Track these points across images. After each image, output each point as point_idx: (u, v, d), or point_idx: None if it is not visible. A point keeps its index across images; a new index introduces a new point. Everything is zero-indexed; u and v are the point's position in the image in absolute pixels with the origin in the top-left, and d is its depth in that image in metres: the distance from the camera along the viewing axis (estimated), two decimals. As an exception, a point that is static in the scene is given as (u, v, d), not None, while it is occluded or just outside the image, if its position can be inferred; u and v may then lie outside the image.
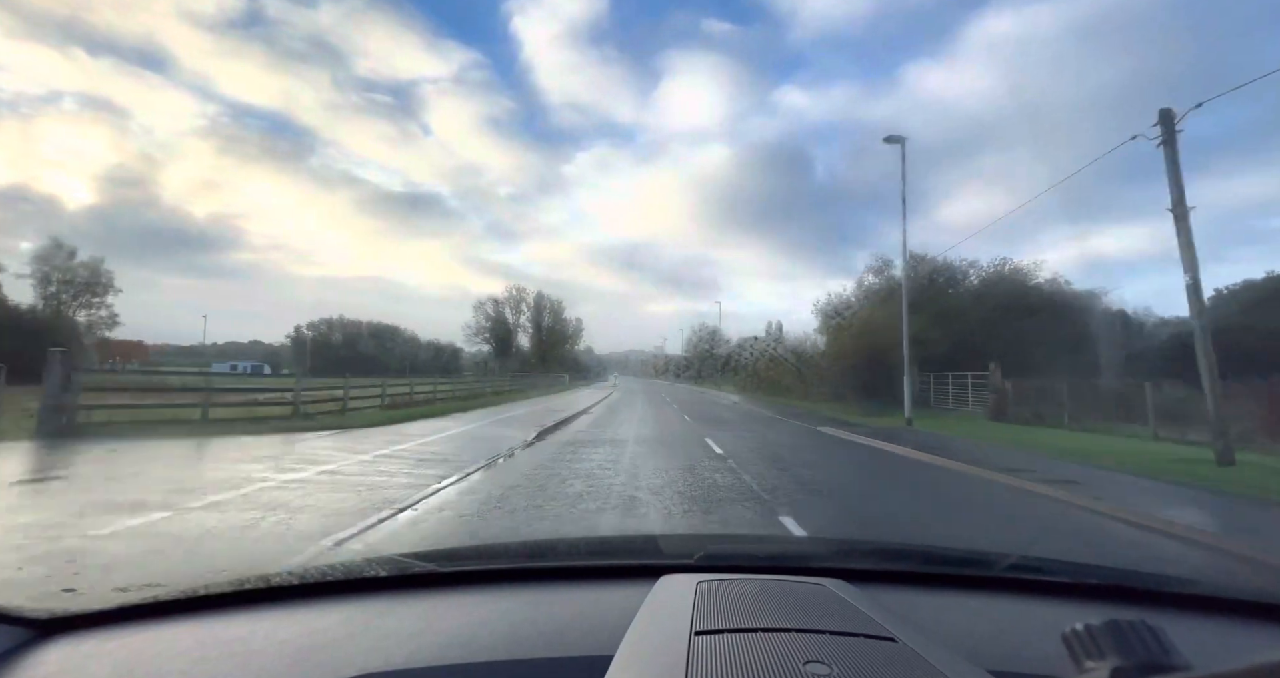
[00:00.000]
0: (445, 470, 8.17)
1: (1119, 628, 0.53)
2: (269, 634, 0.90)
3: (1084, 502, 6.84)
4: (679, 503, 6.42)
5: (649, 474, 8.19)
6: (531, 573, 1.19)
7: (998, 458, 10.12)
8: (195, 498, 6.03)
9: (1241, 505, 6.79)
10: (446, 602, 1.05)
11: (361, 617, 0.97)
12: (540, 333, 74.95)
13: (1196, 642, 0.82)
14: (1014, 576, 1.22)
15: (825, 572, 1.07)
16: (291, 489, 6.62)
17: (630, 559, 1.31)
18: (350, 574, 1.16)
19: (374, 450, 10.12)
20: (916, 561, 1.40)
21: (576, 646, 0.85)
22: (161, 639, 0.91)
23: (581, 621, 0.94)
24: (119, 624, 0.95)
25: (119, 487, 6.77)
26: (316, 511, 5.67)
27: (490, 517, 5.67)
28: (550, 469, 8.46)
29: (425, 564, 1.18)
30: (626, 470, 8.47)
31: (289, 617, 0.98)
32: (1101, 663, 0.51)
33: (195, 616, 0.99)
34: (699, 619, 0.77)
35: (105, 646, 0.88)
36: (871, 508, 6.93)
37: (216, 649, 0.87)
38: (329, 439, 11.55)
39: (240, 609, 1.01)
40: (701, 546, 1.32)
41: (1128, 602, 1.13)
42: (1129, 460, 9.90)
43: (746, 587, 0.92)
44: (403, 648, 0.84)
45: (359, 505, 5.92)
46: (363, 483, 7.15)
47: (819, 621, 0.78)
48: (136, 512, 5.37)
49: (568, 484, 7.31)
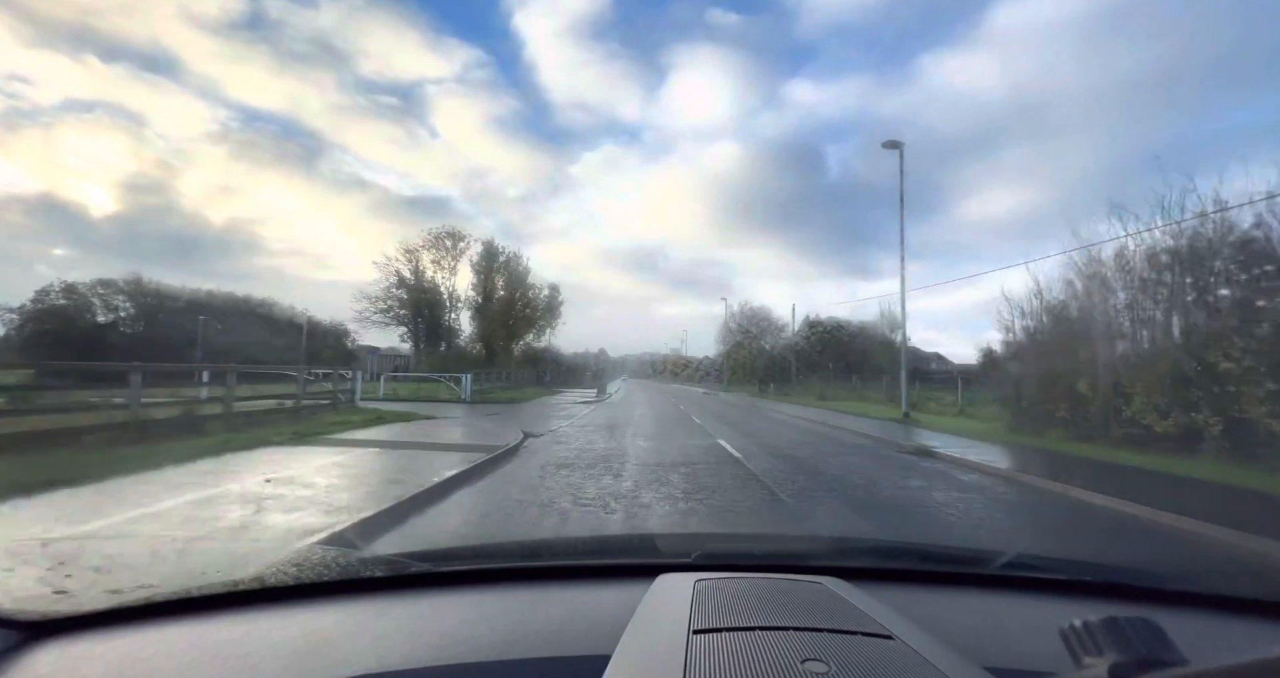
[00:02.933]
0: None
1: (1117, 625, 0.54)
2: (264, 636, 0.90)
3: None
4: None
5: None
6: (528, 573, 1.19)
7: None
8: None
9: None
10: (443, 602, 1.06)
11: (357, 617, 0.98)
12: (489, 306, 47.72)
13: (1194, 639, 0.74)
14: (1011, 573, 1.22)
15: (823, 570, 1.09)
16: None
17: (627, 558, 1.32)
18: (346, 575, 1.16)
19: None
20: (914, 558, 1.41)
21: (574, 645, 0.85)
22: (155, 641, 0.90)
23: (579, 620, 0.95)
24: (112, 626, 0.93)
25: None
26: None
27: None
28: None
29: (421, 564, 1.17)
30: None
31: (284, 618, 0.97)
32: (1100, 659, 0.52)
33: (189, 617, 0.97)
34: (697, 618, 0.78)
35: (98, 648, 0.87)
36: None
37: (210, 651, 0.86)
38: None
39: (235, 610, 0.99)
40: (699, 544, 1.35)
41: (1125, 599, 1.13)
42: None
43: (744, 585, 0.93)
44: (399, 649, 0.84)
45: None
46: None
47: (817, 619, 0.78)
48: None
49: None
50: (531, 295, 50.67)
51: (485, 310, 47.13)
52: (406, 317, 46.20)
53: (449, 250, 48.00)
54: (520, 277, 49.48)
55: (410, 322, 46.42)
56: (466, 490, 6.61)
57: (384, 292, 44.71)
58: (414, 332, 46.72)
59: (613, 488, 6.74)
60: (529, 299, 50.40)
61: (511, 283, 48.84)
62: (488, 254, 48.24)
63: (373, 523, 4.91)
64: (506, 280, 48.50)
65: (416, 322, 46.65)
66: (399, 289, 45.73)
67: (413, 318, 46.33)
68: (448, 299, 48.35)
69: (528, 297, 50.32)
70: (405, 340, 46.96)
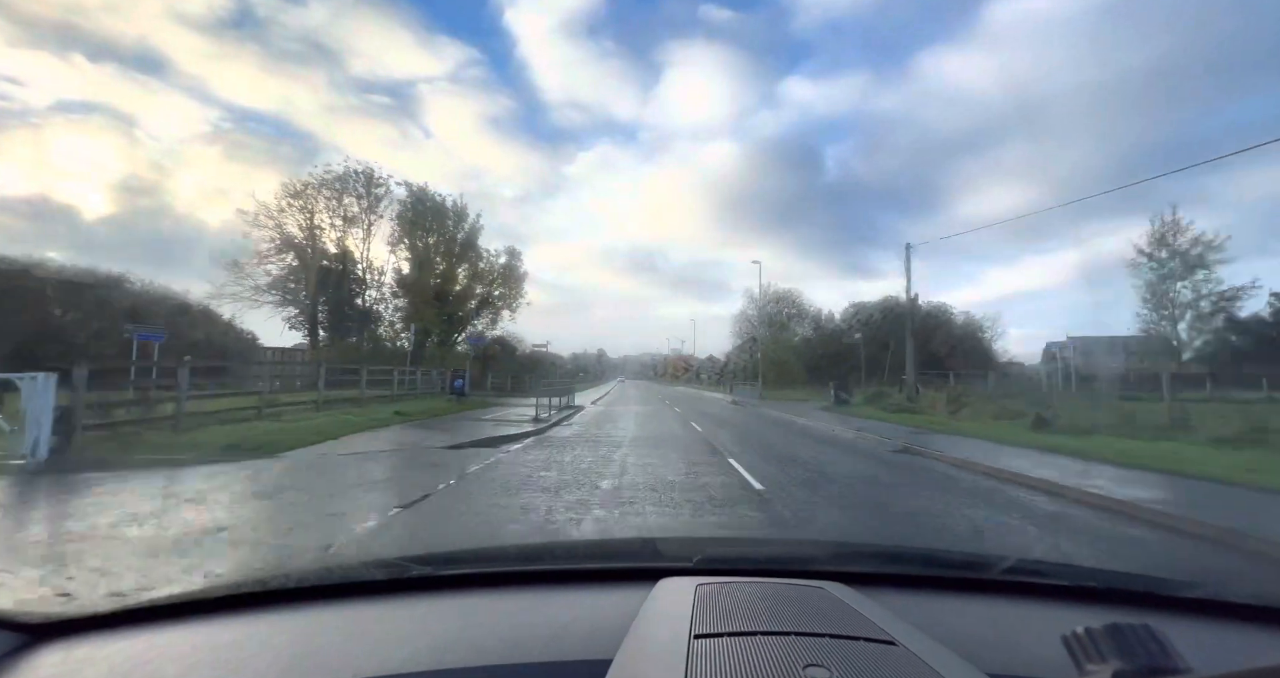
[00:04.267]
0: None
1: (1120, 631, 0.54)
2: (265, 639, 0.90)
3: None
4: None
5: None
6: (529, 576, 1.17)
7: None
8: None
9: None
10: (444, 605, 1.04)
11: (358, 621, 0.97)
12: (418, 274, 33.06)
13: (1197, 645, 0.74)
14: (1013, 579, 1.20)
15: (824, 575, 1.07)
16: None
17: (629, 562, 1.28)
18: (347, 578, 1.14)
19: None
20: (915, 564, 1.38)
21: (575, 649, 0.84)
22: (157, 644, 0.89)
23: (580, 624, 0.93)
24: (114, 629, 0.94)
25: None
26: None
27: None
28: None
29: (422, 568, 1.16)
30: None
31: (285, 621, 0.97)
32: (1102, 666, 0.52)
33: (191, 620, 0.97)
34: (698, 622, 0.77)
35: (100, 650, 0.87)
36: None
37: (212, 654, 0.86)
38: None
39: (236, 613, 0.99)
40: (700, 548, 1.33)
41: (1127, 605, 1.11)
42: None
43: (746, 590, 0.92)
44: (400, 652, 0.83)
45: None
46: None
47: (818, 624, 0.78)
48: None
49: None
50: (483, 265, 36.25)
51: (415, 285, 32.71)
52: (298, 294, 31.82)
53: (362, 199, 33.61)
54: (466, 238, 35.04)
55: (306, 302, 32.06)
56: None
57: (257, 256, 30.25)
58: (310, 317, 32.34)
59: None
60: (478, 269, 35.92)
61: (454, 248, 34.38)
62: (417, 205, 33.78)
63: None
64: (445, 242, 34.01)
65: (316, 302, 32.31)
66: (284, 254, 31.36)
67: (312, 297, 31.97)
68: (363, 270, 34.00)
69: (476, 266, 35.85)
70: (297, 328, 32.59)
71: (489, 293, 36.42)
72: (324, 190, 32.03)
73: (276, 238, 30.81)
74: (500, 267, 36.57)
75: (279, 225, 30.80)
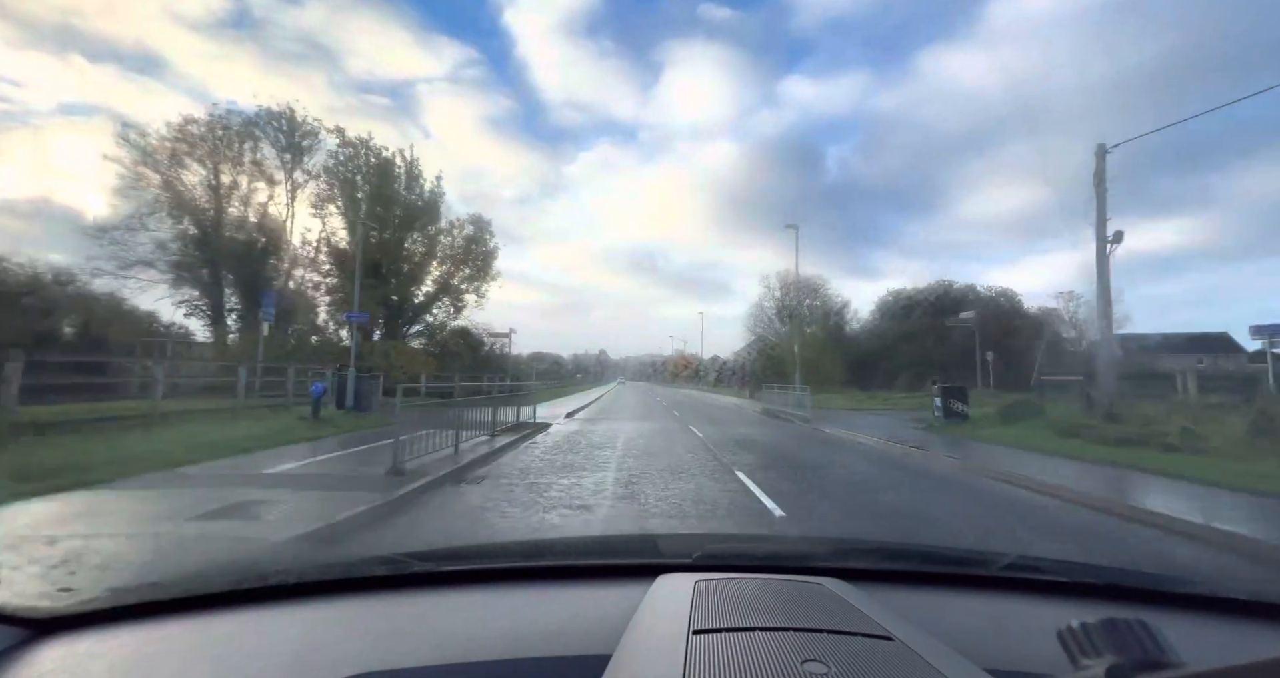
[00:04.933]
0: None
1: (1114, 626, 0.54)
2: (266, 633, 0.90)
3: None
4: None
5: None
6: (529, 572, 1.17)
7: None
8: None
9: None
10: (444, 601, 1.04)
11: (359, 616, 0.97)
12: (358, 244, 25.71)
13: (1192, 640, 0.75)
14: (1011, 575, 1.19)
15: (823, 571, 1.07)
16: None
17: (628, 559, 1.28)
18: (348, 573, 1.14)
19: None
20: (914, 560, 1.37)
21: (575, 645, 0.84)
22: (159, 639, 0.89)
23: (580, 620, 0.93)
24: (116, 623, 0.93)
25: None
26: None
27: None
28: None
29: (423, 563, 1.15)
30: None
31: (286, 615, 0.97)
32: (1097, 661, 0.52)
33: (192, 614, 0.96)
34: (697, 618, 0.77)
35: (102, 645, 0.87)
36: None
37: (214, 649, 0.86)
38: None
39: (238, 608, 0.98)
40: (699, 545, 1.31)
41: (1125, 601, 1.11)
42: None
43: (744, 586, 0.92)
44: (400, 647, 0.83)
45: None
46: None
47: (817, 620, 0.78)
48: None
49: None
50: (445, 240, 28.98)
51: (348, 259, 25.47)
52: (196, 269, 24.54)
53: (285, 152, 26.34)
54: (422, 205, 27.73)
55: (208, 282, 24.78)
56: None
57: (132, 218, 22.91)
58: (213, 299, 25.08)
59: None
60: (437, 244, 28.61)
61: (399, 211, 27.04)
62: (353, 159, 26.49)
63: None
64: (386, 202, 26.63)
65: (221, 282, 25.05)
66: (177, 218, 24.06)
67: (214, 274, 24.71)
68: (288, 243, 26.73)
69: (435, 240, 28.54)
70: (196, 314, 25.28)
71: (450, 274, 29.17)
72: (231, 135, 24.79)
73: (165, 197, 23.57)
74: (464, 239, 29.30)
75: (166, 181, 23.57)
